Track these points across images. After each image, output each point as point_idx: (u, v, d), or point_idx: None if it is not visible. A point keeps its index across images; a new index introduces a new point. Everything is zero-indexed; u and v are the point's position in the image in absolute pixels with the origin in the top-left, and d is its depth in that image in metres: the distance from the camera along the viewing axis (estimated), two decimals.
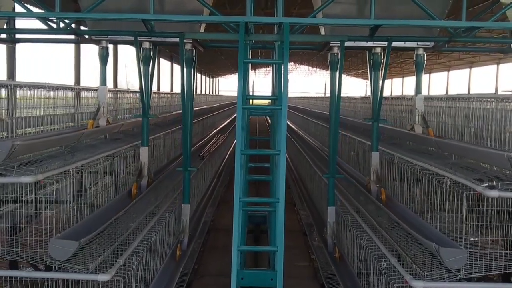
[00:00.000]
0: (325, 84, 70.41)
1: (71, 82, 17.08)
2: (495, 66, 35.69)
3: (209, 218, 13.55)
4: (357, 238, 7.99)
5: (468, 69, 40.33)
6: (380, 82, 9.37)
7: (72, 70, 17.65)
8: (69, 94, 9.58)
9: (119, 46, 21.50)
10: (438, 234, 6.70)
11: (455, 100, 8.10)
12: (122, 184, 9.01)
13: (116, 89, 13.25)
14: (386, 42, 8.81)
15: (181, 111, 9.64)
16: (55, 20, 8.52)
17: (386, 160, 9.40)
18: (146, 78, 9.43)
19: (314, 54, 43.61)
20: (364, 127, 11.90)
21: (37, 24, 8.55)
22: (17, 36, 10.22)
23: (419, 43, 9.19)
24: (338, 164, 14.04)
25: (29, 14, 8.12)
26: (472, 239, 6.48)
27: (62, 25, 8.61)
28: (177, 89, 31.47)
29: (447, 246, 6.13)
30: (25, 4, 8.24)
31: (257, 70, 65.88)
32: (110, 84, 22.21)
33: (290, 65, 66.22)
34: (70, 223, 6.69)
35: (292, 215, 14.24)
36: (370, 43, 9.17)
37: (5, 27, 9.59)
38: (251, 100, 10.41)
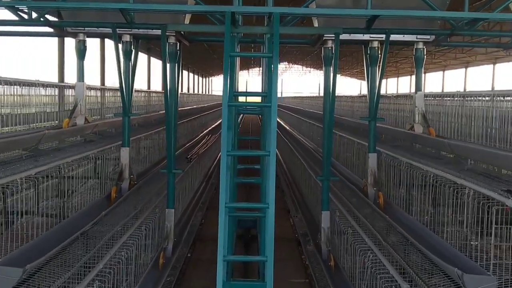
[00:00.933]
0: (319, 84, 69.89)
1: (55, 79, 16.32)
2: (491, 66, 35.20)
3: (194, 228, 12.17)
4: (360, 254, 7.04)
5: (464, 69, 39.84)
6: (378, 78, 8.77)
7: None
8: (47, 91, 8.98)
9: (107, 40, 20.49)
10: (458, 254, 5.80)
11: (464, 98, 7.50)
12: (97, 189, 8.28)
13: (100, 87, 12.61)
14: (383, 35, 8.21)
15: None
16: (26, 10, 7.84)
17: (390, 165, 8.68)
18: (127, 74, 8.78)
19: (308, 53, 43.03)
20: (362, 127, 11.28)
21: (6, 15, 7.86)
22: None
23: (418, 36, 8.61)
24: (334, 166, 13.48)
25: None
26: (502, 262, 5.52)
27: (34, 15, 7.95)
28: (156, 86, 30.45)
29: (472, 271, 5.18)
30: None
31: (250, 69, 65.31)
32: (97, 81, 21.45)
33: (284, 65, 65.66)
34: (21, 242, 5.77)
35: (286, 222, 13.19)
36: (366, 37, 8.57)
37: None
38: (244, 99, 9.80)
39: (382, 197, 8.40)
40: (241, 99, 10.11)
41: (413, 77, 40.26)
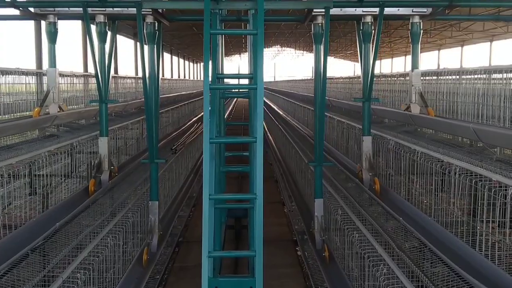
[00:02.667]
0: (312, 68, 69.24)
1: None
2: (488, 43, 34.55)
3: (178, 229, 10.38)
4: (359, 249, 6.49)
5: (460, 48, 39.21)
6: (371, 57, 8.20)
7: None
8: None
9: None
10: (490, 266, 5.36)
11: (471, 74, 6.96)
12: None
13: (82, 73, 11.92)
14: (377, 9, 7.62)
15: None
16: None
17: (399, 153, 8.07)
18: (102, 57, 8.15)
19: (300, 35, 42.26)
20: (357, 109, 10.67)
21: None
22: None
23: (414, 9, 8.02)
24: (330, 152, 12.96)
25: None
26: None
27: None
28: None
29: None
30: None
31: (242, 54, 64.45)
32: (80, 68, 20.67)
33: (276, 48, 64.81)
34: None
35: (281, 219, 11.42)
36: (359, 11, 7.97)
37: None
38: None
39: (378, 183, 7.90)
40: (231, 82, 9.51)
41: (408, 57, 40.17)
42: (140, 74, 27.93)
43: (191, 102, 24.63)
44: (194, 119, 22.89)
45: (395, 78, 9.78)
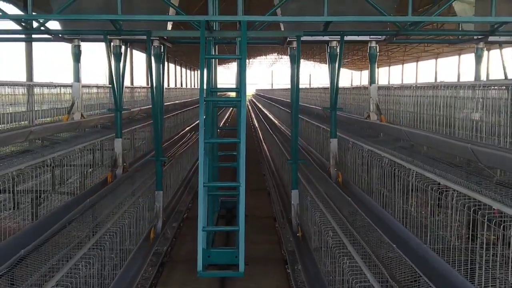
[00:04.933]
0: (310, 75, 70.93)
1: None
2: (457, 57, 38.43)
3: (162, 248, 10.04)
4: (321, 227, 7.98)
5: (434, 60, 43.00)
6: (336, 73, 10.08)
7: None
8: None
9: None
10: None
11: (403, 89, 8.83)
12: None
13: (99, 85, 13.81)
14: (339, 37, 9.50)
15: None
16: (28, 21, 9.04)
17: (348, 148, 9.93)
18: (118, 73, 10.01)
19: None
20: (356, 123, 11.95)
21: (10, 24, 9.04)
22: None
23: (371, 36, 9.91)
24: (309, 151, 14.83)
25: (3, 16, 8.61)
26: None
27: (35, 25, 9.14)
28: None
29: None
30: None
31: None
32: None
33: (273, 56, 66.81)
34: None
35: (272, 236, 11.10)
36: (326, 37, 9.86)
37: None
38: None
39: (341, 176, 9.77)
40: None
41: (406, 65, 43.77)
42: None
43: (185, 111, 24.34)
44: (187, 128, 22.48)
45: (359, 91, 11.66)
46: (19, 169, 7.10)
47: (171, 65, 46.36)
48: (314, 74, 74.43)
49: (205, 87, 8.08)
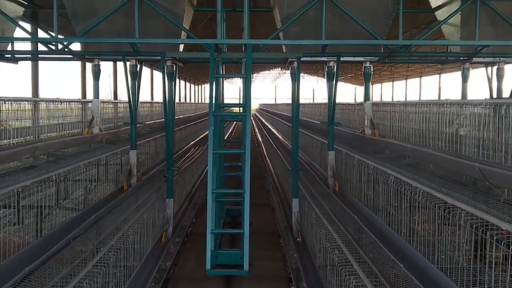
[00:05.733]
0: (313, 90, 71.87)
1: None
2: (438, 76, 42.41)
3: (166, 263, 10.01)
4: (317, 231, 8.67)
5: (418, 78, 47.12)
6: (333, 90, 10.98)
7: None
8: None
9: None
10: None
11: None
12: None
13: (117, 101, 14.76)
14: (336, 58, 10.42)
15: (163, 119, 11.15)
16: (53, 43, 10.00)
17: (345, 160, 10.70)
18: (134, 90, 10.95)
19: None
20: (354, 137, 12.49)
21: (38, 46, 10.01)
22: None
23: (365, 57, 10.82)
24: (309, 162, 15.67)
25: (32, 39, 9.60)
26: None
27: (60, 46, 10.10)
28: (158, 97, 32.23)
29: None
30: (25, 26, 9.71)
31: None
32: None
33: (277, 71, 68.00)
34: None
35: (276, 253, 10.95)
36: (324, 58, 10.78)
37: (8, 48, 11.03)
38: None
39: (338, 185, 10.60)
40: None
41: (409, 81, 46.52)
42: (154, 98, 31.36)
43: (189, 126, 24.39)
44: (192, 142, 22.39)
45: (354, 107, 12.55)
46: (25, 185, 7.24)
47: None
48: (318, 89, 75.52)
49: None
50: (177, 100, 45.62)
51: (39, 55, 10.40)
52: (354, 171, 9.92)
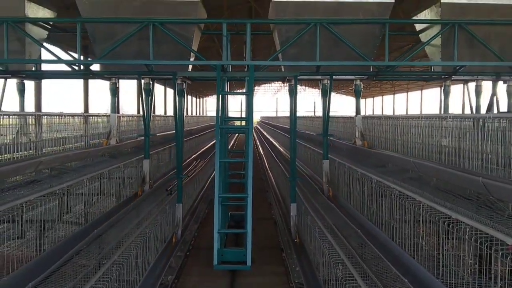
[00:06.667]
0: (315, 103, 73.12)
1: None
2: (422, 91, 47.66)
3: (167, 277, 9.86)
4: (312, 230, 9.79)
5: (405, 93, 53.08)
6: (327, 105, 12.17)
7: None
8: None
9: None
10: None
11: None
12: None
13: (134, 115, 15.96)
14: (329, 76, 11.63)
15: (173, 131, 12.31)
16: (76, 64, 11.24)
17: (337, 168, 11.87)
18: (147, 105, 12.15)
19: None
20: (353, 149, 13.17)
21: (61, 66, 11.23)
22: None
23: (355, 76, 12.03)
24: (306, 170, 16.81)
25: (57, 61, 10.79)
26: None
27: (82, 67, 11.34)
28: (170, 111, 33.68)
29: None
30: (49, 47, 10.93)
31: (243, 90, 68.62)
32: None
33: (278, 84, 69.35)
34: None
35: (279, 267, 10.83)
36: (318, 76, 11.99)
37: (33, 69, 12.23)
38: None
39: (331, 191, 11.74)
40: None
41: (410, 93, 50.83)
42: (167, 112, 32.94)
43: (191, 139, 24.22)
44: (194, 156, 22.34)
45: (347, 120, 13.75)
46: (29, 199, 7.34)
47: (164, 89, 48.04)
48: (319, 101, 76.32)
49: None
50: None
51: (65, 74, 11.61)
52: (346, 178, 11.07)
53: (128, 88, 35.50)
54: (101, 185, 10.46)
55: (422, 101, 46.89)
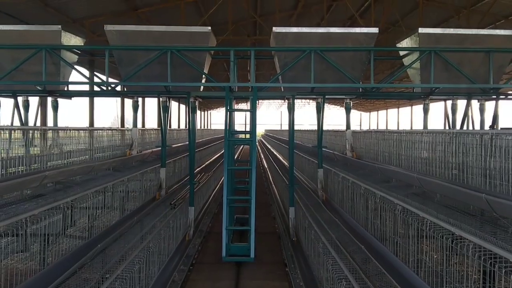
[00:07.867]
0: (319, 119, 74.19)
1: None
2: (410, 107, 53.77)
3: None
4: (308, 231, 11.61)
5: (396, 109, 58.21)
6: (321, 120, 13.92)
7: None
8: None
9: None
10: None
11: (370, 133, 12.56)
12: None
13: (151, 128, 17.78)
14: (321, 96, 13.42)
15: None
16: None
17: (331, 176, 13.65)
18: (165, 120, 13.94)
19: None
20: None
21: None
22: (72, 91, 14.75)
23: (346, 95, 13.80)
24: (303, 178, 18.51)
25: (88, 83, 12.63)
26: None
27: (109, 87, 13.16)
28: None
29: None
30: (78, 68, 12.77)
31: (247, 104, 70.84)
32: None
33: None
34: None
35: (283, 282, 10.87)
36: (313, 96, 13.76)
37: (65, 89, 14.04)
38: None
39: (325, 196, 13.44)
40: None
41: (401, 109, 55.14)
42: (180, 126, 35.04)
43: (196, 152, 23.02)
44: (198, 169, 21.71)
45: (338, 134, 15.50)
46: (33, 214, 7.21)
47: (182, 106, 49.51)
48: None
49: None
50: (183, 127, 48.97)
51: (93, 93, 13.48)
52: (338, 185, 12.80)
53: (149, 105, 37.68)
54: (127, 190, 12.18)
55: (412, 116, 52.54)
